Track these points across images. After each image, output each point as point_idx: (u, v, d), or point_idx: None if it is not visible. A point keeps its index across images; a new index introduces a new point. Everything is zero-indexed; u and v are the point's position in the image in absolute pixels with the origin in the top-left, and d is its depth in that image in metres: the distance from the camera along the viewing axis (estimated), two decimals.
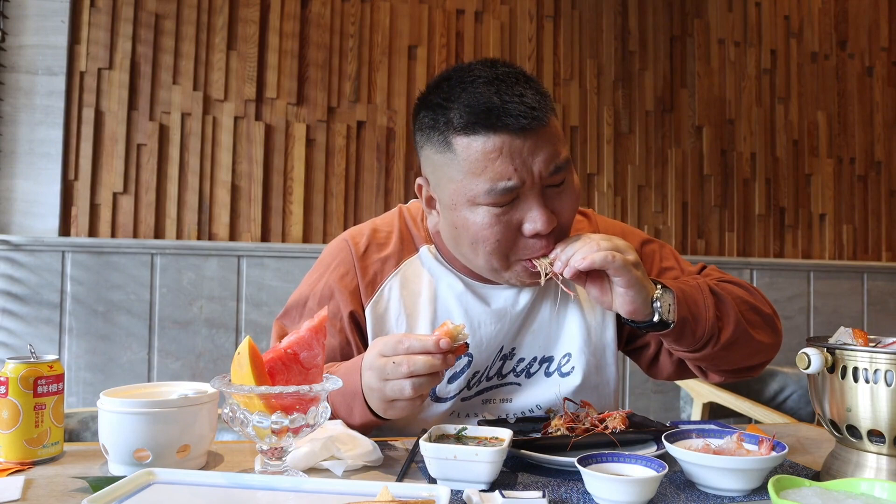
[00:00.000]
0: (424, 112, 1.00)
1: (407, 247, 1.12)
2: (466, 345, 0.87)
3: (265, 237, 2.44)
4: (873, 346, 0.82)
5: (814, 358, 0.81)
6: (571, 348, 1.11)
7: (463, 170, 0.95)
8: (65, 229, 2.30)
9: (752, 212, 2.90)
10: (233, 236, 2.42)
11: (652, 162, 2.80)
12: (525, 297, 1.10)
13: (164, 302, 2.33)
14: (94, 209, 2.33)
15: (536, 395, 1.10)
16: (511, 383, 1.11)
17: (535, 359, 1.11)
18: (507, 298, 1.09)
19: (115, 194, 2.34)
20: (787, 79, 2.96)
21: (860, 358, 0.79)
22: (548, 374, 1.11)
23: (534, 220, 0.95)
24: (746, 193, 2.90)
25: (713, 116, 2.87)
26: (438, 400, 1.08)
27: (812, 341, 0.86)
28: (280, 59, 2.47)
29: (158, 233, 2.36)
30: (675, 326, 0.95)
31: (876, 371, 0.78)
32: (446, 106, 0.96)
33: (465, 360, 1.08)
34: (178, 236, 2.37)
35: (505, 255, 0.99)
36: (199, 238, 2.39)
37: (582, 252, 0.91)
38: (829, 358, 0.81)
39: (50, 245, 2.26)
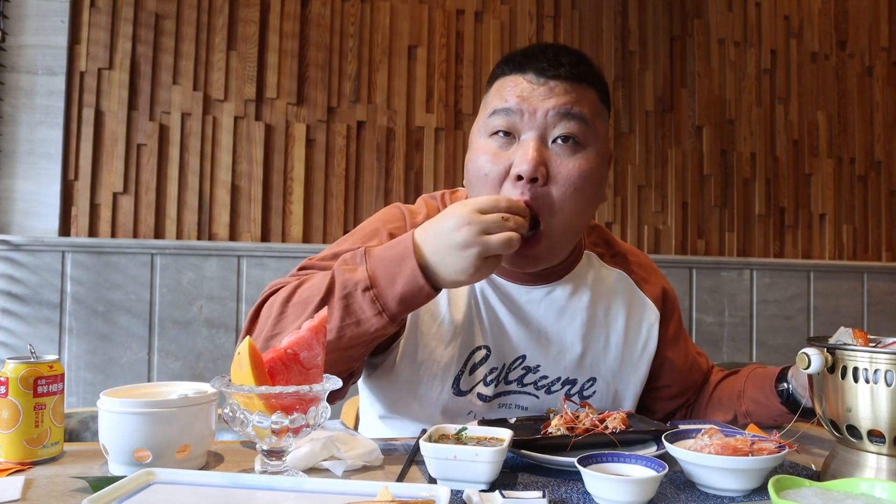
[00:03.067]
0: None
1: None
2: None
3: (265, 237, 2.44)
4: (873, 346, 0.82)
5: (814, 358, 0.81)
6: (598, 374, 1.12)
7: (488, 100, 1.02)
8: (65, 229, 2.30)
9: (752, 212, 2.90)
10: (233, 236, 2.42)
11: (652, 162, 2.80)
12: (551, 309, 1.09)
13: (164, 302, 2.33)
14: (94, 209, 2.33)
15: (553, 407, 1.11)
16: (530, 394, 1.11)
17: (558, 378, 1.11)
18: (531, 302, 1.08)
19: (115, 194, 2.34)
20: (787, 79, 2.96)
21: (860, 358, 0.79)
22: (569, 395, 1.11)
23: (519, 161, 0.95)
24: (746, 193, 2.90)
25: (713, 116, 2.87)
26: (460, 393, 1.08)
27: (812, 341, 0.86)
28: (280, 59, 2.47)
29: (158, 233, 2.36)
30: None
31: (876, 371, 0.78)
32: (506, 59, 1.04)
33: (482, 351, 1.07)
34: (178, 236, 2.37)
35: (490, 193, 0.99)
36: (199, 238, 2.39)
37: None
38: (829, 358, 0.81)
39: (50, 245, 2.25)
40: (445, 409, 1.08)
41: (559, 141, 0.96)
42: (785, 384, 1.06)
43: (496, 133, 0.99)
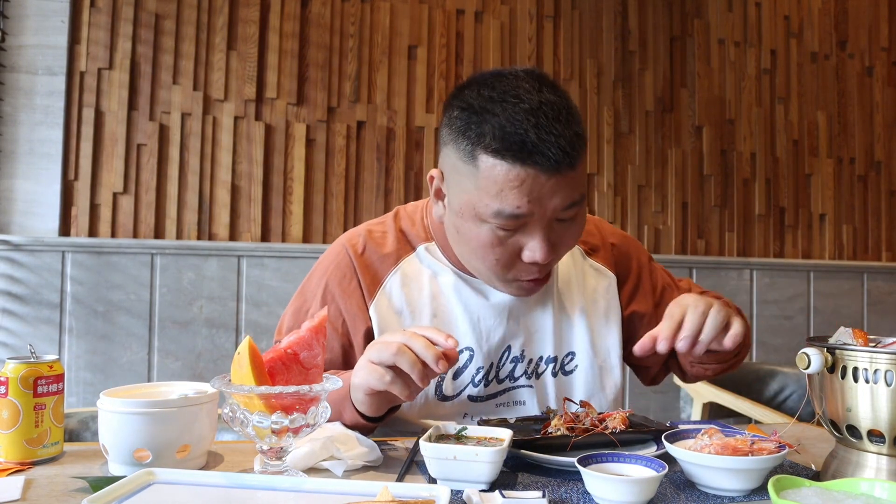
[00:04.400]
0: (459, 112, 0.97)
1: (404, 246, 1.12)
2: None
3: (265, 237, 2.44)
4: (873, 346, 0.82)
5: (814, 358, 0.81)
6: (576, 348, 1.14)
7: (480, 186, 0.94)
8: (65, 229, 2.30)
9: (752, 212, 2.90)
10: (233, 236, 2.42)
11: (652, 162, 2.80)
12: (528, 298, 1.11)
13: (164, 302, 2.33)
14: (94, 209, 2.33)
15: (548, 396, 1.12)
16: (524, 386, 1.12)
17: (541, 358, 1.12)
18: (506, 294, 1.10)
19: (115, 194, 2.34)
20: (787, 79, 2.96)
21: (860, 358, 0.79)
22: (553, 374, 1.12)
23: (533, 251, 0.96)
24: (746, 193, 2.90)
25: (713, 116, 2.87)
26: (445, 399, 1.08)
27: (812, 341, 0.86)
28: (280, 59, 2.47)
29: (158, 233, 2.36)
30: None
31: (876, 371, 0.78)
32: (482, 117, 0.93)
33: (466, 353, 1.08)
34: (178, 236, 2.37)
35: (501, 273, 1.01)
36: (199, 238, 2.39)
37: (711, 334, 0.91)
38: (829, 358, 0.81)
39: (50, 245, 2.26)
40: (437, 417, 1.07)
41: (561, 220, 0.98)
42: None
43: (501, 227, 0.96)
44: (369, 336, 1.08)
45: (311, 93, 2.49)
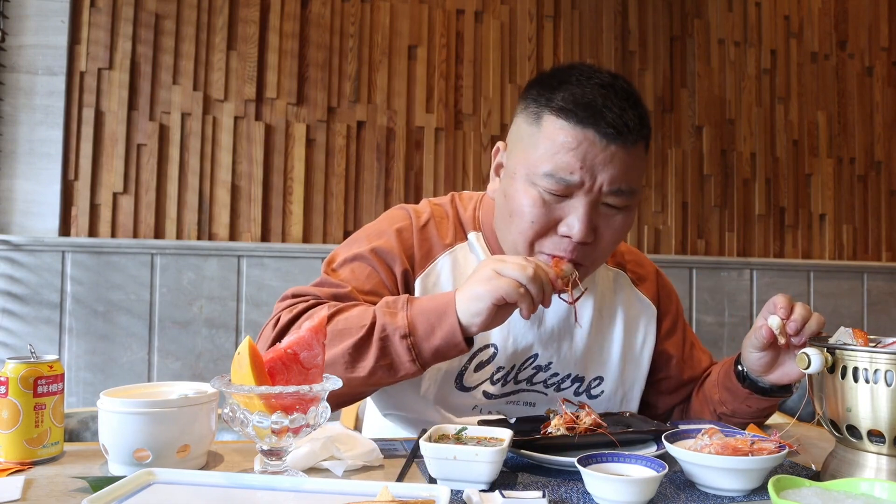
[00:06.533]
0: (536, 88, 1.02)
1: (458, 232, 1.13)
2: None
3: (265, 237, 2.44)
4: (873, 346, 0.82)
5: (814, 358, 0.81)
6: (604, 373, 1.14)
7: (538, 145, 0.98)
8: (65, 229, 2.30)
9: (752, 212, 2.90)
10: (233, 236, 2.42)
11: (652, 162, 2.79)
12: (562, 306, 1.10)
13: (164, 302, 2.33)
14: (94, 209, 2.33)
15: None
16: (539, 391, 1.12)
17: (568, 375, 1.13)
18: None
19: (115, 194, 2.34)
20: (787, 79, 2.96)
21: (860, 358, 0.79)
22: (577, 394, 1.13)
23: (572, 224, 0.97)
24: (746, 193, 2.90)
25: (713, 116, 2.87)
26: (463, 389, 1.09)
27: (812, 341, 0.86)
28: (280, 59, 2.47)
29: (158, 233, 2.36)
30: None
31: (876, 371, 0.78)
32: (555, 87, 0.99)
33: (490, 349, 1.08)
34: (178, 236, 2.37)
35: (530, 240, 1.00)
36: (199, 238, 2.39)
37: (815, 324, 0.97)
38: (829, 358, 0.81)
39: (50, 245, 2.26)
40: (449, 405, 1.09)
41: (608, 205, 0.99)
42: (739, 366, 1.08)
43: (548, 190, 0.98)
44: (405, 277, 1.08)
45: (311, 93, 2.49)
